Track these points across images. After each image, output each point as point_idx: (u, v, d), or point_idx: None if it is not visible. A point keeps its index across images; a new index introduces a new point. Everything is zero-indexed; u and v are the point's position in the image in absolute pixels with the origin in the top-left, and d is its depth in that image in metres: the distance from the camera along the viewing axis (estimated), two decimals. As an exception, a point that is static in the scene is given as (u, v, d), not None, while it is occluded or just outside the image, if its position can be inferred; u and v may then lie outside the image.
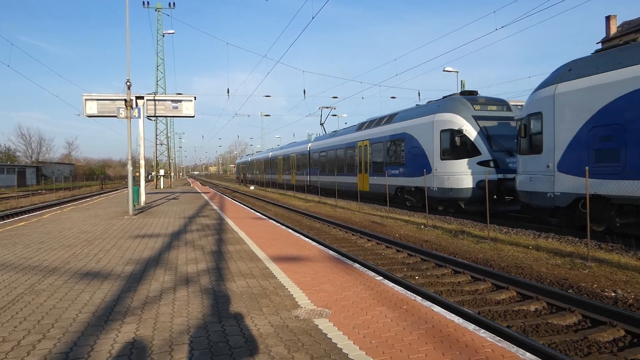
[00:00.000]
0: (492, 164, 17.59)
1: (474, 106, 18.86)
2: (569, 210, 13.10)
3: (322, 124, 41.39)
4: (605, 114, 11.56)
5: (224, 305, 5.55)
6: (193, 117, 21.51)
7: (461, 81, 38.54)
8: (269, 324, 4.85)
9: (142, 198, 21.80)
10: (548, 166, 13.37)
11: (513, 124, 16.79)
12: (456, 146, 18.46)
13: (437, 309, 5.44)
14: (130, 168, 17.31)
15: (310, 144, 38.58)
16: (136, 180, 21.06)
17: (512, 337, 5.47)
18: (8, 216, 23.04)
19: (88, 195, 44.64)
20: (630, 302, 7.12)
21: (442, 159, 19.17)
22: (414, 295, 6.05)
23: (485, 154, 17.78)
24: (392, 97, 74.17)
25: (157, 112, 20.96)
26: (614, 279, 8.32)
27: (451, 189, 18.57)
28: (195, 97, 21.05)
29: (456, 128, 18.46)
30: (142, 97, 20.05)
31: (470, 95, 19.99)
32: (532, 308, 7.13)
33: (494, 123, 18.49)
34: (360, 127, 28.24)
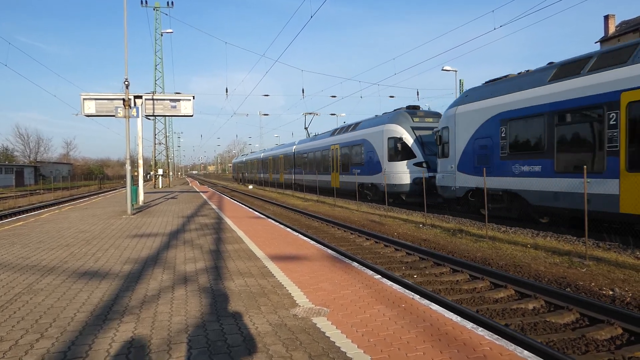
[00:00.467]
0: (424, 164, 22.45)
1: (413, 118, 23.84)
2: (465, 199, 17.60)
3: (306, 128, 49.18)
4: (481, 130, 16.32)
5: (222, 304, 5.55)
6: (191, 116, 21.47)
7: (460, 80, 38.58)
8: (267, 323, 4.85)
9: (141, 197, 21.78)
10: (451, 167, 18.08)
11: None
12: (398, 150, 23.39)
13: (435, 307, 5.44)
14: (128, 167, 17.29)
15: (294, 147, 42.18)
16: (134, 180, 21.05)
17: (510, 335, 5.49)
18: (6, 216, 23.03)
19: (86, 194, 44.60)
20: (627, 300, 7.13)
21: (389, 161, 23.86)
22: (413, 293, 6.05)
23: (419, 157, 22.70)
24: (391, 96, 74.21)
25: (155, 111, 20.91)
26: (611, 278, 8.34)
27: (395, 184, 23.17)
28: (193, 97, 21.02)
29: (398, 136, 23.40)
30: (140, 97, 20.02)
31: (412, 109, 24.75)
32: (530, 306, 7.14)
33: (428, 132, 23.13)
34: (334, 132, 32.77)
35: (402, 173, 23.07)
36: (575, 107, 12.60)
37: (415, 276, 9.30)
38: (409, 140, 23.10)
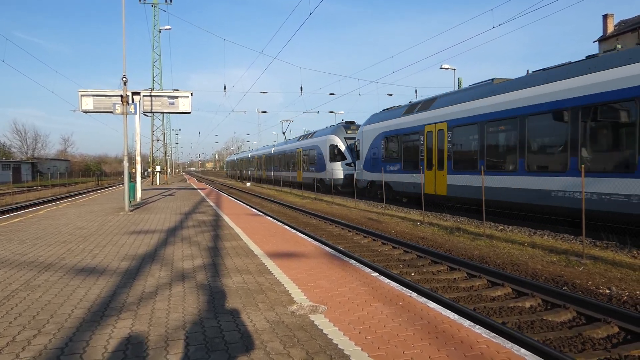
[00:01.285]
0: (352, 164, 30.57)
1: (347, 131, 32.64)
2: (370, 189, 26.12)
3: (283, 133, 55.39)
4: (374, 142, 24.78)
5: (220, 301, 5.55)
6: (189, 113, 21.47)
7: (458, 78, 38.53)
8: (264, 320, 4.85)
9: (138, 194, 21.76)
10: (360, 167, 26.71)
11: None
12: (335, 154, 32.40)
13: (432, 305, 5.45)
14: (126, 164, 17.26)
15: (273, 148, 51.31)
16: (132, 177, 21.01)
17: (507, 333, 5.50)
18: (3, 212, 22.96)
19: (84, 191, 44.52)
20: (624, 299, 7.15)
21: (330, 162, 32.72)
22: (410, 291, 6.06)
23: (349, 159, 31.47)
24: (389, 94, 73.91)
25: (153, 108, 20.88)
26: (608, 276, 8.36)
27: (334, 178, 31.36)
28: (191, 93, 21.00)
29: (335, 144, 32.46)
30: (138, 93, 19.99)
31: (347, 124, 33.73)
32: (527, 305, 7.16)
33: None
34: (299, 138, 41.73)
35: (338, 170, 32.11)
36: (410, 132, 21.30)
37: (412, 274, 9.31)
38: (342, 147, 32.11)
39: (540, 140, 14.47)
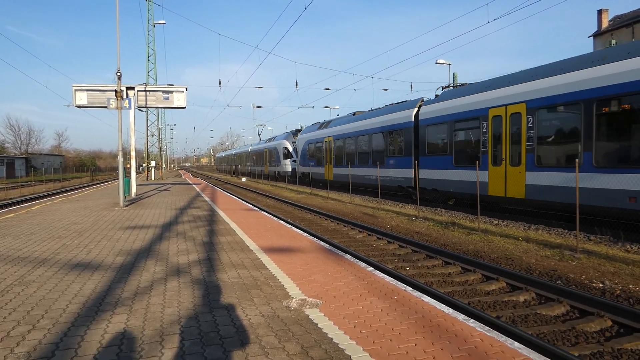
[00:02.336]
0: (295, 161, 41.21)
1: (294, 137, 43.68)
2: (302, 178, 36.31)
3: (259, 135, 69.70)
4: (304, 147, 36.34)
5: (215, 296, 5.56)
6: (184, 108, 21.37)
7: (453, 73, 38.56)
8: (260, 314, 4.86)
9: (133, 189, 21.70)
10: (298, 163, 38.71)
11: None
12: (286, 154, 44.43)
13: (427, 299, 5.47)
14: (120, 159, 17.19)
15: (249, 148, 65.33)
16: (127, 172, 20.94)
17: (501, 327, 5.54)
18: (-3, 207, 22.84)
19: (78, 186, 44.36)
20: (617, 292, 7.20)
21: (283, 159, 44.95)
22: (405, 285, 6.08)
23: (294, 158, 42.44)
24: (385, 89, 73.99)
25: (148, 103, 20.78)
26: (602, 270, 8.42)
27: (285, 171, 44.40)
28: (186, 88, 20.90)
29: (285, 146, 44.45)
30: (132, 88, 19.88)
31: (295, 131, 45.10)
32: (522, 299, 7.20)
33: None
34: (267, 141, 54.56)
35: (287, 165, 44.42)
36: (318, 141, 33.07)
37: (407, 268, 9.34)
38: (290, 149, 44.07)
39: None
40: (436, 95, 20.06)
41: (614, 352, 5.19)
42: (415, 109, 20.89)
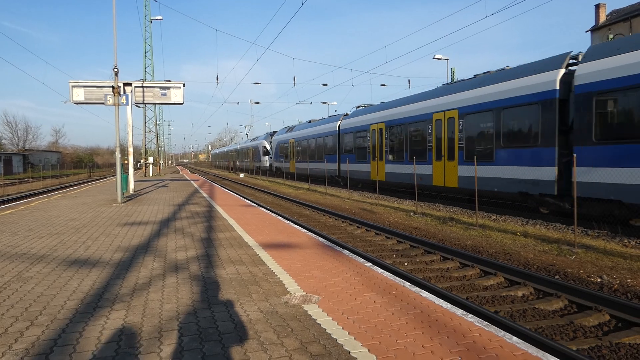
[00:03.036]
0: (273, 158, 48.96)
1: (271, 137, 51.01)
2: (276, 171, 46.51)
3: (247, 134, 78.84)
4: (277, 147, 46.60)
5: (213, 292, 5.55)
6: (182, 104, 21.33)
7: (451, 69, 38.50)
8: (258, 310, 4.86)
9: (131, 186, 21.67)
10: (273, 159, 49.25)
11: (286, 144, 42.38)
12: (265, 152, 52.68)
13: (425, 294, 5.48)
14: (118, 156, 17.16)
15: (238, 146, 75.20)
16: (125, 168, 20.90)
17: (500, 322, 5.55)
18: (-5, 204, 22.80)
19: (76, 183, 44.27)
20: (615, 287, 7.22)
21: (262, 156, 53.24)
22: (403, 281, 6.08)
23: (272, 155, 49.86)
24: (382, 85, 73.86)
25: (145, 99, 20.72)
26: (600, 265, 8.43)
27: (264, 166, 52.40)
28: (184, 84, 20.85)
29: (264, 145, 52.88)
30: (129, 84, 19.83)
31: (272, 133, 52.12)
32: (520, 293, 7.22)
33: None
34: (251, 140, 64.18)
35: (266, 161, 52.31)
36: (285, 142, 42.95)
37: (406, 264, 9.35)
38: (268, 147, 52.19)
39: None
40: (348, 113, 29.52)
41: (612, 347, 5.21)
42: (339, 122, 29.60)
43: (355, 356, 3.73)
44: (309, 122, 37.66)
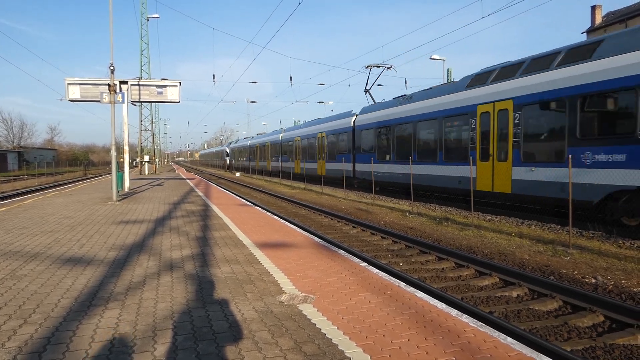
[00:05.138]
0: (231, 159, 75.04)
1: (229, 145, 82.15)
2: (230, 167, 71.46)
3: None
4: (231, 151, 75.25)
5: (208, 291, 5.54)
6: (178, 102, 21.30)
7: (448, 69, 38.55)
8: (253, 310, 4.85)
9: (126, 184, 21.60)
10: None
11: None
12: (226, 154, 79.52)
13: (420, 294, 5.48)
14: (114, 154, 17.10)
15: (215, 149, 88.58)
16: (120, 166, 20.84)
17: (494, 322, 5.55)
18: (-11, 201, 22.67)
19: (71, 181, 44.10)
20: (610, 288, 7.24)
21: (225, 157, 79.41)
22: (398, 281, 6.09)
23: (230, 157, 76.75)
24: (379, 85, 73.86)
25: (141, 97, 20.68)
26: (594, 266, 8.46)
27: (227, 164, 78.04)
28: (180, 83, 20.81)
29: (226, 151, 79.84)
30: (126, 82, 19.78)
31: (234, 141, 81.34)
32: (514, 294, 7.23)
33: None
34: (226, 145, 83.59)
35: (227, 161, 73.81)
36: (247, 149, 62.49)
37: (401, 264, 9.35)
38: (229, 151, 73.77)
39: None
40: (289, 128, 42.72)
41: (606, 347, 5.22)
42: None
43: (350, 356, 3.73)
44: (244, 138, 57.06)
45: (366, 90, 28.57)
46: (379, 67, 27.84)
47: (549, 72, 13.20)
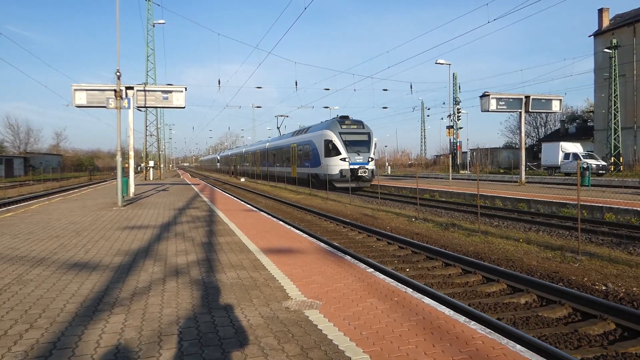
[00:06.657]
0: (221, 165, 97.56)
1: (219, 154, 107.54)
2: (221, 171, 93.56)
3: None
4: (221, 159, 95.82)
5: (213, 297, 5.51)
6: (183, 108, 21.30)
7: (453, 74, 38.54)
8: (259, 315, 4.81)
9: (132, 189, 21.63)
10: (233, 165, 77.56)
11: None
12: (217, 160, 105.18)
13: (427, 300, 5.42)
14: (119, 159, 17.15)
15: (209, 156, 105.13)
16: (125, 172, 20.88)
17: (503, 329, 5.47)
18: (-5, 207, 22.75)
19: (76, 186, 44.22)
20: (621, 295, 7.15)
21: (216, 163, 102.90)
22: (405, 287, 6.04)
23: (221, 163, 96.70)
24: (384, 90, 73.62)
25: (147, 102, 20.71)
26: (604, 273, 8.36)
27: (218, 168, 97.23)
28: (185, 88, 20.84)
29: (217, 158, 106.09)
30: (131, 88, 19.84)
31: (225, 149, 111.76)
32: (523, 301, 7.15)
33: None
34: (222, 149, 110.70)
35: (219, 167, 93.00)
36: (231, 157, 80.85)
37: (407, 270, 9.29)
38: (219, 158, 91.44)
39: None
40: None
41: (617, 356, 5.13)
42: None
43: (358, 363, 3.68)
44: (231, 148, 75.14)
45: (278, 128, 52.50)
46: (282, 116, 53.10)
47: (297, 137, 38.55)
